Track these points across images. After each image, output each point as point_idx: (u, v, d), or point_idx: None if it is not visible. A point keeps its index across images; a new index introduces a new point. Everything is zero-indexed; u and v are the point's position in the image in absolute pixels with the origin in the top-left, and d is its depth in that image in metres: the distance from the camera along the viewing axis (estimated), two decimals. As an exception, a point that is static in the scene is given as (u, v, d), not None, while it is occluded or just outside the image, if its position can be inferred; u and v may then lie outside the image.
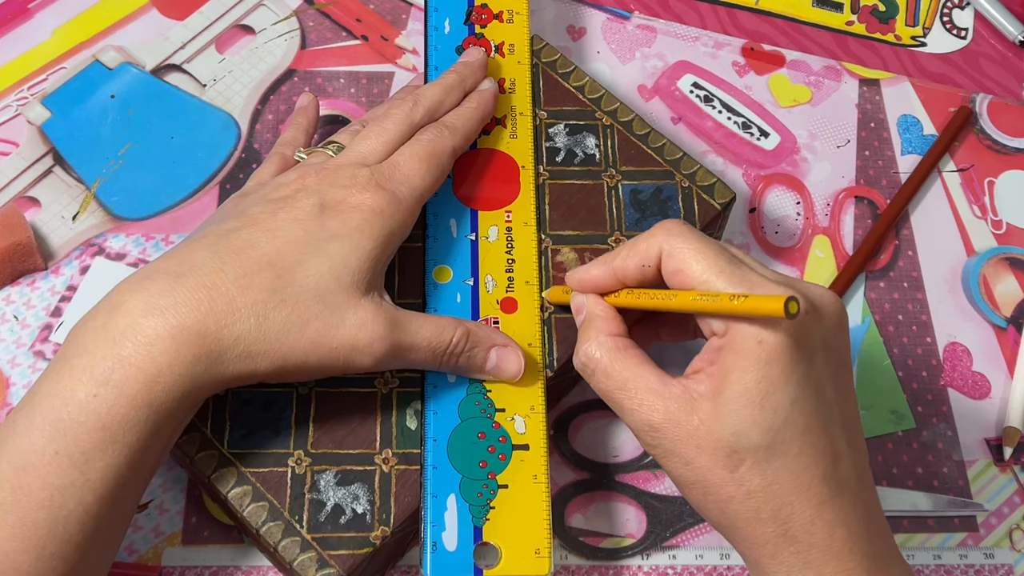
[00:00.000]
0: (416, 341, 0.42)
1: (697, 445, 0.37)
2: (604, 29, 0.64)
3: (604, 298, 0.43)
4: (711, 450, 0.37)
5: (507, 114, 0.52)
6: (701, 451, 0.37)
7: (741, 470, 0.37)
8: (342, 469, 0.44)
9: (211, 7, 0.62)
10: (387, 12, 0.63)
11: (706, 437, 0.37)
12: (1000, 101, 0.63)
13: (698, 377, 0.38)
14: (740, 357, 0.37)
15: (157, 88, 0.59)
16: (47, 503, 0.36)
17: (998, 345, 0.56)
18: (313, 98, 0.54)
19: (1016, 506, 0.52)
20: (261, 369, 0.39)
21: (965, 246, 0.59)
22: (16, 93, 0.58)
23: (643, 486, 0.51)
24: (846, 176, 0.60)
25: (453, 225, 0.49)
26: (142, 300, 0.38)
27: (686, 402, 0.38)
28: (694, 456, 0.38)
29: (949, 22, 0.66)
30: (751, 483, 0.37)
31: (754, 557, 0.38)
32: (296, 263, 0.40)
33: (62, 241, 0.54)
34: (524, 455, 0.44)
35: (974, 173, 0.61)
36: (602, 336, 0.41)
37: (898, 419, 0.53)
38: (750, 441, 0.36)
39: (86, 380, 0.37)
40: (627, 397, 0.39)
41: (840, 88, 0.63)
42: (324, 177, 0.44)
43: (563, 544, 0.49)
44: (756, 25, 0.65)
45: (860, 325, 0.56)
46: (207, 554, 0.48)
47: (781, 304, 0.34)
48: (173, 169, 0.57)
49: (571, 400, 0.53)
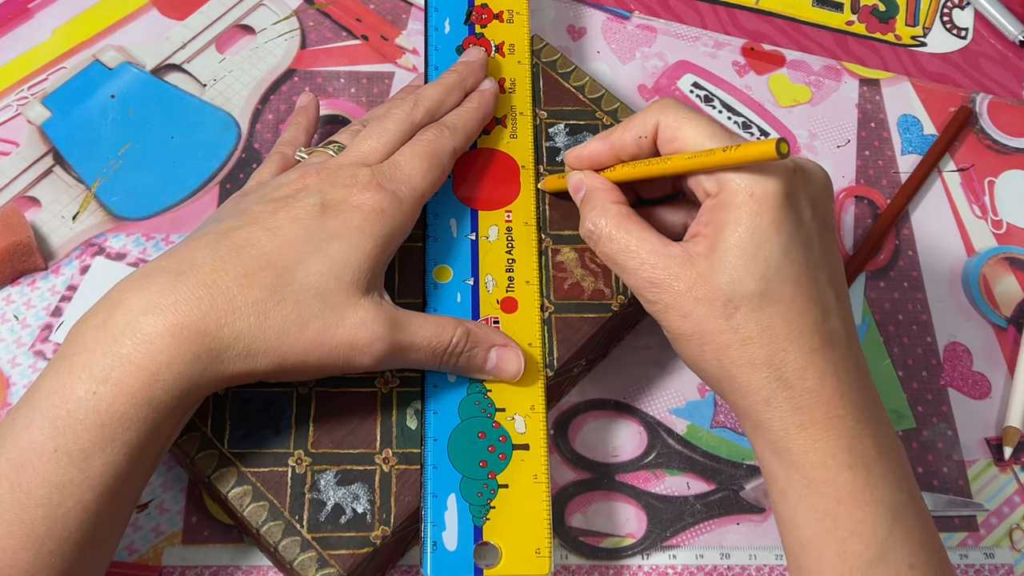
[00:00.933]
0: (416, 341, 0.42)
1: (695, 297, 0.40)
2: (604, 29, 0.64)
3: (601, 173, 0.46)
4: (708, 300, 0.40)
5: (507, 114, 0.52)
6: (699, 302, 0.40)
7: (737, 317, 0.39)
8: (342, 469, 0.44)
9: (211, 7, 0.62)
10: (387, 12, 0.63)
11: (703, 289, 0.40)
12: (1000, 101, 0.63)
13: (696, 239, 0.41)
14: (733, 211, 0.39)
15: (157, 88, 0.59)
16: (46, 501, 0.36)
17: (998, 345, 0.56)
18: (313, 97, 0.54)
19: (1016, 506, 0.52)
20: (261, 368, 0.39)
21: (965, 246, 0.59)
22: (16, 93, 0.58)
23: (643, 486, 0.51)
24: (846, 176, 0.60)
25: (453, 225, 0.49)
26: (142, 298, 0.38)
27: (685, 260, 0.40)
28: (692, 308, 0.40)
29: (949, 22, 0.66)
30: (746, 329, 0.39)
31: (748, 406, 0.40)
32: (296, 262, 0.40)
33: (62, 241, 0.54)
34: (524, 455, 0.44)
35: (974, 173, 0.61)
36: (606, 204, 0.44)
37: (898, 419, 0.53)
38: (745, 288, 0.39)
39: (86, 378, 0.37)
40: (630, 257, 0.42)
41: (840, 88, 0.63)
42: (325, 177, 0.44)
43: (563, 544, 0.49)
44: (756, 25, 0.65)
45: (860, 325, 0.56)
46: (207, 554, 0.48)
47: (772, 145, 0.37)
48: (173, 169, 0.57)
49: (571, 400, 0.53)
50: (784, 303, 0.39)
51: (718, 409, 0.53)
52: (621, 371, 0.53)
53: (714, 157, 0.40)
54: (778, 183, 0.39)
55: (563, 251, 0.49)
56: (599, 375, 0.53)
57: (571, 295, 0.48)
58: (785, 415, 0.39)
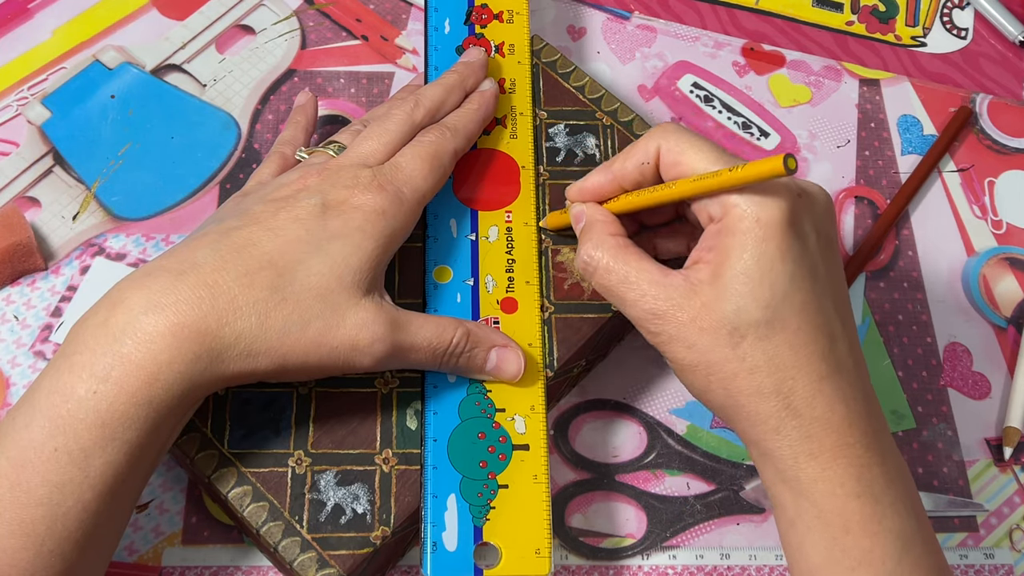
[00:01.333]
0: (416, 341, 0.42)
1: (700, 327, 0.39)
2: (604, 29, 0.64)
3: (603, 205, 0.45)
4: (713, 330, 0.39)
5: (507, 114, 0.52)
6: (704, 332, 0.39)
7: (743, 346, 0.38)
8: (342, 469, 0.44)
9: (211, 7, 0.62)
10: (387, 12, 0.63)
11: (708, 318, 0.39)
12: (1000, 101, 0.63)
13: (698, 267, 0.40)
14: (738, 237, 0.38)
15: (157, 88, 0.59)
16: (46, 500, 0.36)
17: (998, 345, 0.56)
18: (311, 96, 0.54)
19: (1016, 506, 0.52)
20: (261, 368, 0.39)
21: (965, 246, 0.59)
22: (16, 93, 0.58)
23: (643, 486, 0.51)
24: (846, 176, 0.60)
25: (453, 225, 0.48)
26: (143, 297, 0.38)
27: (688, 289, 0.39)
28: (697, 338, 0.39)
29: (949, 22, 0.66)
30: (753, 359, 0.38)
31: (757, 435, 0.40)
32: (297, 262, 0.40)
33: (62, 241, 0.54)
34: (524, 455, 0.44)
35: (974, 173, 0.61)
36: (602, 235, 0.43)
37: (898, 419, 0.53)
38: (751, 317, 0.38)
39: (86, 377, 0.37)
40: (629, 289, 0.41)
41: (840, 88, 0.63)
42: (326, 177, 0.44)
43: (563, 544, 0.49)
44: (756, 25, 0.65)
45: (860, 325, 0.56)
46: (207, 554, 0.48)
47: (779, 162, 0.36)
48: (173, 169, 0.57)
49: (571, 400, 0.53)
50: (791, 331, 0.38)
51: (718, 409, 0.53)
52: (621, 371, 0.53)
53: (721, 178, 0.39)
54: (784, 209, 0.38)
55: (563, 251, 0.49)
56: (599, 375, 0.53)
57: (571, 295, 0.48)
58: (794, 444, 0.39)
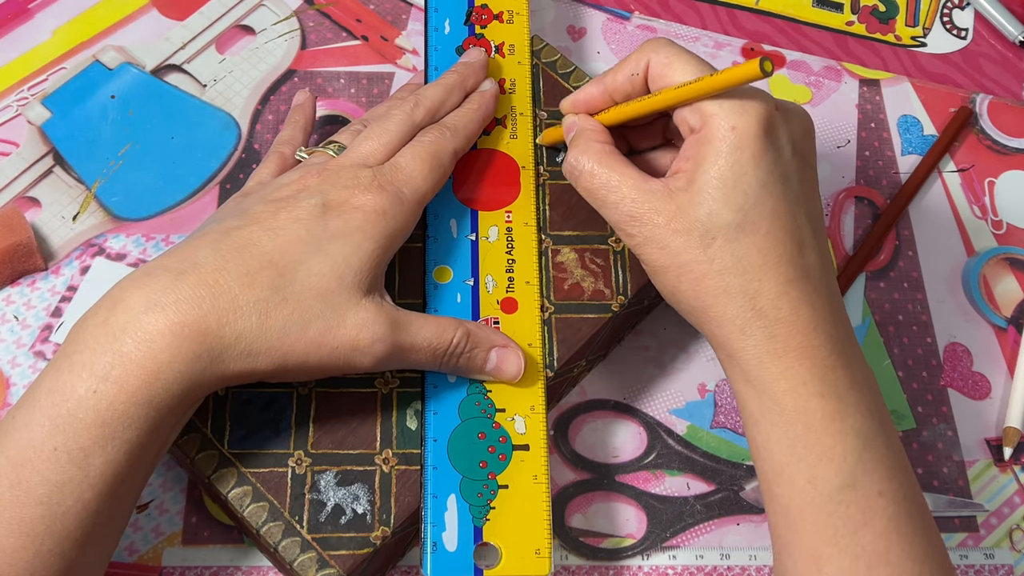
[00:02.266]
0: (416, 342, 0.42)
1: (673, 229, 0.41)
2: (604, 29, 0.64)
3: (595, 116, 0.47)
4: (686, 232, 0.40)
5: (507, 114, 0.52)
6: (677, 234, 0.41)
7: (713, 247, 0.40)
8: (342, 469, 0.44)
9: (211, 7, 0.62)
10: (387, 12, 0.63)
11: (681, 220, 0.41)
12: (1000, 101, 0.63)
13: (677, 175, 0.42)
14: (714, 144, 0.40)
15: (157, 88, 0.59)
16: (45, 499, 0.36)
17: (998, 345, 0.56)
18: (310, 95, 0.54)
19: (1016, 506, 0.52)
20: (261, 368, 0.39)
21: (965, 246, 0.59)
22: (16, 93, 0.58)
23: (643, 486, 0.51)
24: (846, 176, 0.60)
25: (453, 225, 0.48)
26: (143, 296, 0.38)
27: (665, 194, 0.41)
28: (670, 240, 0.41)
29: (949, 22, 0.66)
30: (722, 260, 0.40)
31: (723, 335, 0.41)
32: (298, 262, 0.40)
33: (62, 241, 0.54)
34: (524, 455, 0.44)
35: (974, 173, 0.61)
36: (589, 142, 0.45)
37: (898, 419, 0.53)
38: (722, 219, 0.40)
39: (86, 376, 0.37)
40: (611, 192, 0.43)
41: (840, 88, 0.63)
42: (326, 177, 0.44)
43: (563, 544, 0.49)
44: (756, 25, 0.65)
45: (860, 325, 0.56)
46: (207, 554, 0.48)
47: (755, 65, 0.38)
48: (173, 169, 0.57)
49: (571, 400, 0.53)
50: (760, 234, 0.40)
51: (718, 410, 0.53)
52: (621, 371, 0.53)
53: (702, 83, 0.40)
54: (759, 119, 0.40)
55: (563, 251, 0.49)
56: (599, 375, 0.53)
57: (571, 295, 0.48)
58: (759, 344, 0.40)
